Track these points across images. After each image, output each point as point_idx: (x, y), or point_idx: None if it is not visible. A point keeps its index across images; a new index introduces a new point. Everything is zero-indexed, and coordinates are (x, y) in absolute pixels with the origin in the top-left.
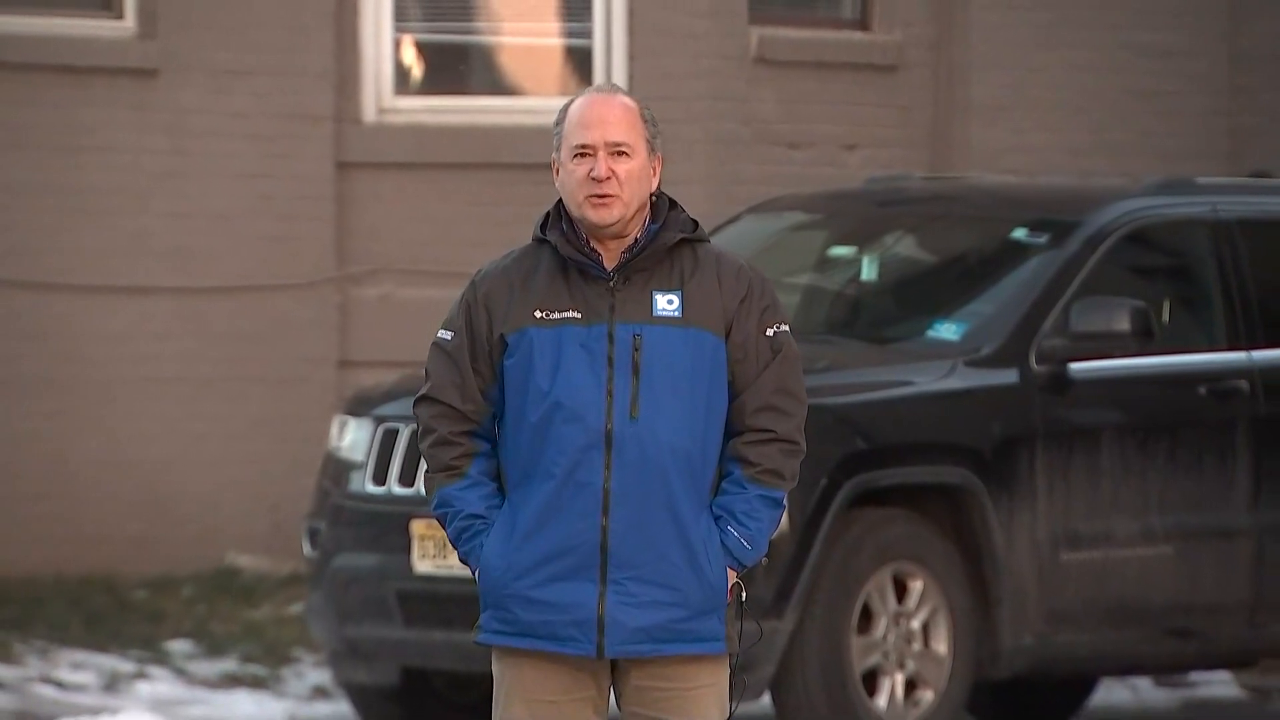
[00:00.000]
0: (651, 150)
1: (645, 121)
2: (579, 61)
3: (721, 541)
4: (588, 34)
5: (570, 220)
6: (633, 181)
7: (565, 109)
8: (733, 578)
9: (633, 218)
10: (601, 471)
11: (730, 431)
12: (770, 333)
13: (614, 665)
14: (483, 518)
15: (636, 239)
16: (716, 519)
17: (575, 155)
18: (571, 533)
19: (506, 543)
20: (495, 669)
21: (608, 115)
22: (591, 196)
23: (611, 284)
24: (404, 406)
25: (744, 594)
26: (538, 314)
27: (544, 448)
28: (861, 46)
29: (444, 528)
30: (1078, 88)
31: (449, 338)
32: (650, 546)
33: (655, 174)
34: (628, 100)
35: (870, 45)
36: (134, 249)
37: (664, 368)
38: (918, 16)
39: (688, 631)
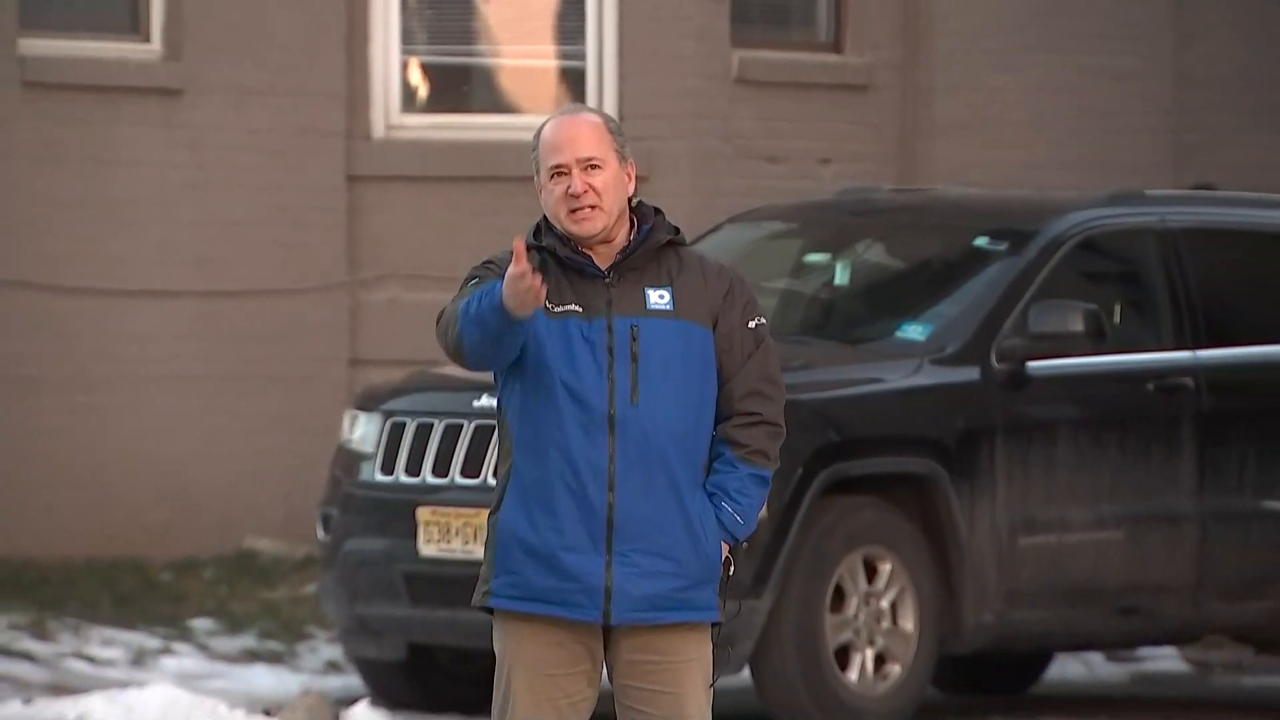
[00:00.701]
0: (622, 159)
1: (612, 133)
2: (573, 82)
3: (716, 517)
4: (581, 56)
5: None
6: (609, 191)
7: (538, 134)
8: (724, 551)
9: (615, 224)
10: (606, 452)
11: (718, 416)
12: (752, 325)
13: (607, 640)
14: (484, 279)
15: (628, 240)
16: (710, 496)
17: (552, 175)
18: (579, 508)
19: (519, 511)
20: (498, 644)
21: (576, 134)
22: (572, 212)
23: (607, 281)
24: (410, 402)
25: (732, 569)
26: (546, 304)
27: (552, 430)
28: (835, 68)
29: (464, 333)
30: (1035, 107)
31: (474, 284)
32: (652, 521)
33: (630, 180)
34: (593, 116)
35: (843, 67)
36: (160, 256)
37: (660, 356)
38: (887, 40)
39: (686, 600)
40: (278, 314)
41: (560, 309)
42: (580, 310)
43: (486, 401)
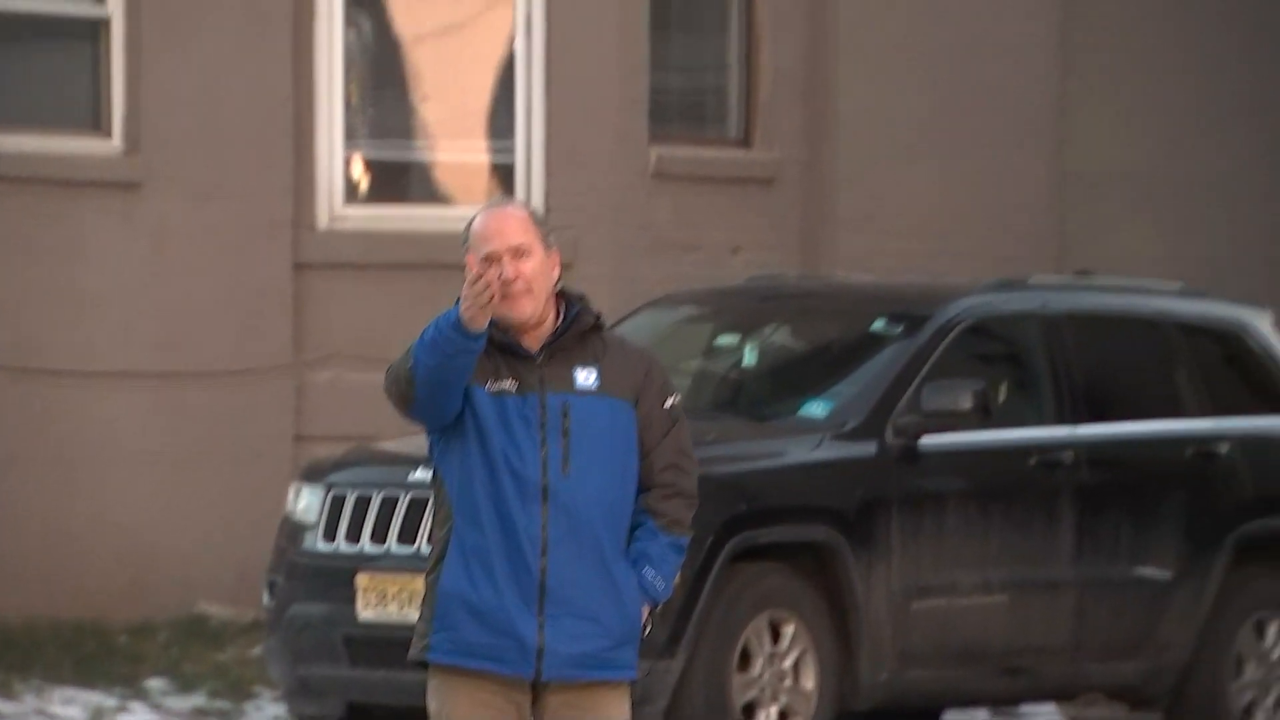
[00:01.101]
0: (547, 247)
1: (537, 224)
2: (503, 175)
3: (639, 581)
4: (511, 151)
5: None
6: (537, 276)
7: (469, 227)
8: (645, 614)
9: (543, 308)
10: (539, 520)
11: (638, 487)
12: (668, 405)
13: (534, 698)
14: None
15: (556, 324)
16: (633, 562)
17: (483, 263)
18: (515, 572)
19: (460, 571)
20: (432, 701)
21: (504, 225)
22: (506, 298)
23: (538, 362)
24: (351, 475)
25: (648, 630)
26: (484, 382)
27: (490, 498)
28: (744, 163)
29: (418, 363)
30: (929, 201)
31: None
32: (581, 585)
33: (555, 267)
34: (519, 209)
35: (752, 162)
36: (122, 340)
37: (589, 432)
38: (792, 137)
39: (611, 659)
40: (230, 393)
41: (496, 387)
42: (515, 389)
43: (421, 474)
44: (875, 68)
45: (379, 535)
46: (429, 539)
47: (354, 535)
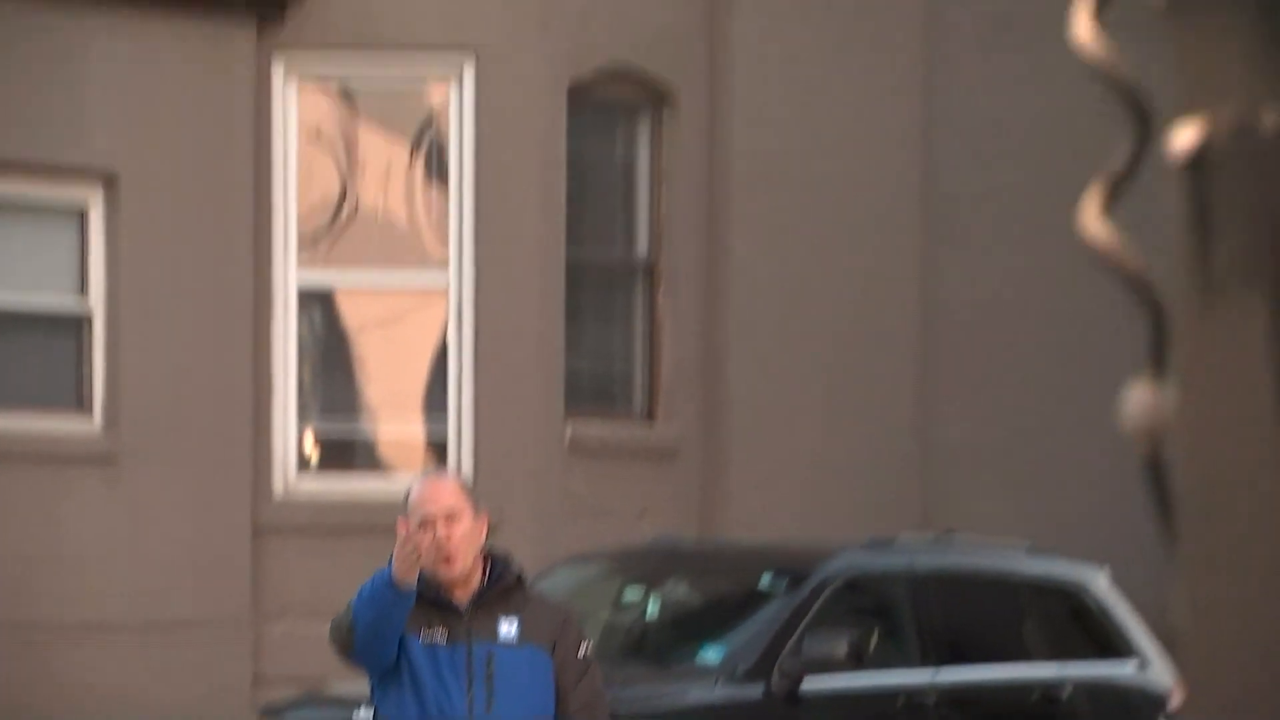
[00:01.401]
0: (476, 510)
1: (467, 491)
2: (437, 448)
3: None
4: (444, 426)
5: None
6: (467, 539)
7: (408, 492)
8: None
9: (472, 567)
10: None
11: None
12: (582, 652)
13: None
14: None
15: (483, 581)
16: None
17: (420, 526)
18: None
19: None
20: None
21: (439, 493)
22: (439, 558)
23: (466, 615)
24: (304, 714)
25: None
26: (418, 632)
27: None
28: (649, 438)
29: (357, 616)
30: (809, 470)
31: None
32: None
33: (483, 529)
34: (451, 478)
35: (655, 437)
36: (100, 594)
37: (510, 678)
38: (691, 416)
39: None
40: (197, 641)
41: (429, 639)
42: (445, 639)
43: (365, 714)
44: (762, 356)
45: None
46: None
47: None
